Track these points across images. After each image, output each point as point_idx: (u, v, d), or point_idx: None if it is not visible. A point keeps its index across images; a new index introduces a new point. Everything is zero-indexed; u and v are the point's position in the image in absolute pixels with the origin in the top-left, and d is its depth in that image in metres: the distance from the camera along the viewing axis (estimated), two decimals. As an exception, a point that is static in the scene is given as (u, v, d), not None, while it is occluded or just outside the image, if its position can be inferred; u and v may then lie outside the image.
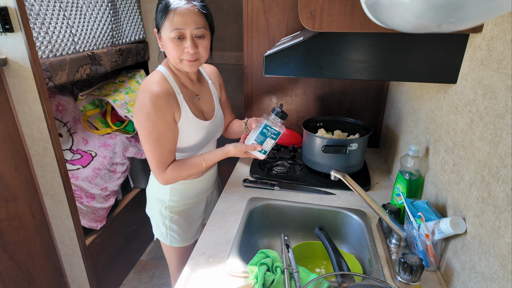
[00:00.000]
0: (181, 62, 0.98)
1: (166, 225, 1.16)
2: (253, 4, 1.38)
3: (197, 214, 1.22)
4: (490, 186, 0.62)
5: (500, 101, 0.60)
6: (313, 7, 0.74)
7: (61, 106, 1.63)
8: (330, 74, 0.85)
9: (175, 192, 1.13)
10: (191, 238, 1.21)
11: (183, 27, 0.92)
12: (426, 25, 0.36)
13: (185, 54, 0.96)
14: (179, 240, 1.18)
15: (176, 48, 0.95)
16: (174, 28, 0.92)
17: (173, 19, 0.91)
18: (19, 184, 1.23)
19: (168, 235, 1.17)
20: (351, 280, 0.72)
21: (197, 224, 1.23)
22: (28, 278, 1.31)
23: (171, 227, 1.16)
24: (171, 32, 0.93)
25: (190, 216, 1.19)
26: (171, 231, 1.17)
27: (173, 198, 1.13)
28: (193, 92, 1.09)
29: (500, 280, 0.57)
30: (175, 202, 1.14)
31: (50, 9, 1.35)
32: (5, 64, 1.11)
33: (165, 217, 1.15)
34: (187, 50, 0.95)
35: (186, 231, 1.19)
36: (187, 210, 1.17)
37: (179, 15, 0.91)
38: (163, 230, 1.17)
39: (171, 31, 0.92)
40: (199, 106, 1.09)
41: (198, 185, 1.17)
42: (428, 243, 0.77)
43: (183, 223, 1.17)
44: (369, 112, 1.50)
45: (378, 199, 1.11)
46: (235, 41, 2.03)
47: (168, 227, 1.16)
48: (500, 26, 0.62)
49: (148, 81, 0.99)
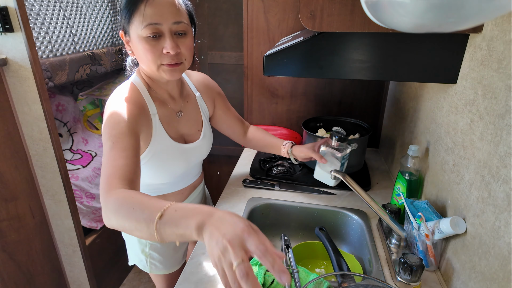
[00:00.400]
0: (158, 68, 0.78)
1: (145, 252, 0.99)
2: (253, 4, 1.38)
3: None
4: (490, 186, 0.62)
5: (500, 101, 0.60)
6: (313, 7, 0.74)
7: (61, 106, 1.63)
8: (330, 74, 0.85)
9: None
10: (177, 263, 1.06)
11: (159, 21, 0.72)
12: (426, 25, 0.36)
13: (164, 57, 0.76)
14: (162, 268, 1.02)
15: (151, 49, 0.74)
16: (147, 24, 0.72)
17: (145, 12, 0.71)
18: (19, 184, 1.23)
19: (148, 263, 1.01)
20: (351, 280, 0.72)
21: (182, 249, 1.09)
22: (28, 278, 1.31)
23: (152, 255, 0.99)
24: (143, 29, 0.72)
25: (173, 242, 0.95)
26: (152, 259, 1.00)
27: None
28: (174, 109, 0.89)
29: (500, 280, 0.57)
30: None
31: (50, 9, 1.35)
32: (5, 64, 1.11)
33: (144, 244, 0.99)
34: (166, 51, 0.75)
35: (170, 257, 1.03)
36: None
37: (153, 7, 0.71)
38: (143, 258, 1.00)
39: (144, 27, 0.72)
40: (178, 127, 0.90)
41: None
42: (428, 243, 0.77)
43: (166, 251, 1.01)
44: (369, 112, 1.50)
45: (378, 199, 1.11)
46: (235, 41, 2.03)
47: (148, 255, 0.99)
48: (500, 26, 0.62)
49: (117, 92, 0.81)
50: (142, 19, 0.72)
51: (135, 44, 0.76)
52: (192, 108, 0.95)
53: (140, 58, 0.78)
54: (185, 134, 0.93)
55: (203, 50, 2.09)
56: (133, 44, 0.77)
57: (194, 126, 0.95)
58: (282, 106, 1.55)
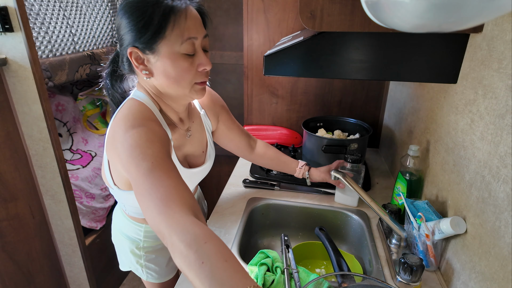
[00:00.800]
0: (191, 89, 0.70)
1: (141, 263, 0.95)
2: (253, 4, 1.38)
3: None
4: (491, 186, 0.62)
5: (500, 101, 0.60)
6: (313, 7, 0.73)
7: (61, 106, 1.63)
8: (330, 74, 0.85)
9: (150, 235, 0.91)
10: (171, 272, 1.02)
11: (195, 35, 0.66)
12: (426, 25, 0.36)
13: (199, 75, 0.69)
14: (157, 277, 0.99)
15: (189, 68, 0.67)
16: (187, 38, 0.64)
17: (184, 24, 0.63)
18: (19, 184, 1.23)
19: (144, 272, 0.97)
20: (351, 280, 0.72)
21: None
22: (28, 278, 1.31)
23: (147, 265, 0.95)
24: (183, 45, 0.64)
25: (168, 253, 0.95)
26: (147, 269, 0.96)
27: (148, 239, 0.91)
28: (183, 132, 0.83)
29: (500, 280, 0.57)
30: (150, 242, 0.92)
31: (50, 9, 1.35)
32: (5, 64, 1.11)
33: (139, 256, 0.94)
34: (202, 67, 0.68)
35: (165, 267, 0.99)
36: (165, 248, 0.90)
37: (189, 19, 0.64)
38: (138, 267, 0.96)
39: (183, 42, 0.64)
40: (184, 150, 0.85)
41: None
42: (428, 243, 0.77)
43: (161, 261, 0.97)
44: (369, 112, 1.50)
45: (378, 199, 1.11)
46: (235, 41, 2.03)
47: (143, 266, 0.95)
48: (501, 26, 0.62)
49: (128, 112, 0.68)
50: (182, 32, 0.63)
51: (167, 62, 0.65)
52: (198, 127, 0.89)
53: (169, 79, 0.67)
54: (189, 156, 0.87)
55: (203, 50, 2.09)
56: (159, 63, 0.66)
57: (199, 147, 0.90)
58: (282, 106, 1.55)
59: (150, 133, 0.63)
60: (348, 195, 1.05)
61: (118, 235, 0.97)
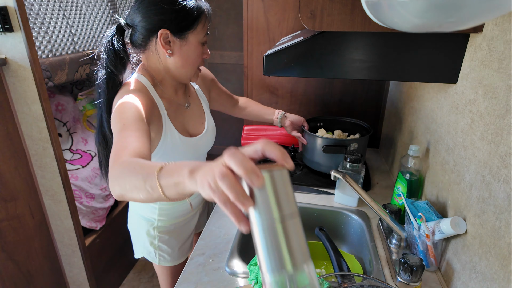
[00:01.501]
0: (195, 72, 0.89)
1: (154, 245, 1.03)
2: (253, 4, 1.38)
3: (189, 230, 1.10)
4: (491, 186, 0.62)
5: (500, 101, 0.60)
6: (313, 7, 0.73)
7: (60, 106, 1.63)
8: (330, 74, 0.84)
9: (164, 213, 1.00)
10: (183, 255, 1.10)
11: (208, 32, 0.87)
12: (426, 25, 0.36)
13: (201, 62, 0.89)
14: (169, 260, 1.06)
15: (201, 54, 0.86)
16: (206, 34, 0.85)
17: (208, 23, 0.85)
18: (19, 184, 1.23)
19: (157, 254, 1.04)
20: (351, 280, 0.72)
21: (189, 241, 1.12)
22: (28, 278, 1.31)
23: (160, 247, 1.03)
24: (204, 37, 0.85)
25: (181, 234, 1.07)
26: (160, 251, 1.04)
27: (162, 218, 1.00)
28: (180, 103, 0.94)
29: (500, 280, 0.57)
30: (164, 222, 1.01)
31: (50, 9, 1.35)
32: (5, 64, 1.11)
33: (153, 237, 1.02)
34: (205, 55, 0.89)
35: (177, 249, 1.07)
36: (178, 229, 1.05)
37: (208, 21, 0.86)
38: (151, 250, 1.04)
39: (205, 35, 0.84)
40: (184, 121, 0.94)
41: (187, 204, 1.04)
42: (428, 243, 0.77)
43: (174, 242, 1.05)
44: (369, 112, 1.50)
45: (379, 199, 1.11)
46: (235, 41, 2.03)
47: (157, 247, 1.03)
48: (501, 26, 0.62)
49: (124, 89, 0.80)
50: (205, 30, 0.84)
51: (191, 48, 0.83)
52: (195, 100, 1.00)
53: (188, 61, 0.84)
54: (189, 127, 0.96)
55: (203, 50, 2.09)
56: (185, 47, 0.82)
57: (199, 118, 1.00)
58: (282, 106, 1.55)
59: (132, 100, 0.74)
60: (348, 195, 1.05)
61: (134, 218, 1.04)
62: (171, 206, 1.00)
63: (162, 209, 0.99)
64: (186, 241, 1.10)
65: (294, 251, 0.37)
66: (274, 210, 0.35)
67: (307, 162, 1.27)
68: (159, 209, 0.99)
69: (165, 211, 1.00)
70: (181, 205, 1.02)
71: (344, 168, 1.04)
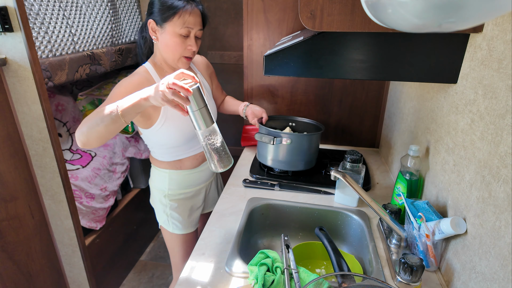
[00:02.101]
0: (179, 59, 1.03)
1: (167, 213, 1.20)
2: (253, 4, 1.38)
3: (197, 203, 1.26)
4: (491, 186, 0.62)
5: (500, 101, 0.60)
6: (313, 7, 0.73)
7: (60, 106, 1.63)
8: (330, 74, 0.85)
9: (173, 182, 1.18)
10: (192, 226, 1.26)
11: (192, 26, 0.99)
12: (426, 25, 0.36)
13: (186, 52, 1.02)
14: (181, 228, 1.22)
15: (180, 44, 1.00)
16: (185, 26, 0.98)
17: (186, 18, 0.97)
18: (19, 184, 1.23)
19: (170, 222, 1.21)
20: (351, 280, 0.72)
21: (197, 213, 1.27)
22: (28, 278, 1.31)
23: (172, 214, 1.20)
24: (181, 29, 0.97)
25: (189, 205, 1.23)
26: (172, 219, 1.21)
27: (172, 187, 1.18)
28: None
29: (500, 280, 0.57)
30: (174, 190, 1.19)
31: (50, 9, 1.35)
32: (5, 64, 1.11)
33: (165, 205, 1.20)
34: (190, 47, 1.01)
35: (186, 219, 1.23)
36: (186, 199, 1.22)
37: (192, 16, 0.98)
38: (165, 218, 1.21)
39: (182, 27, 0.97)
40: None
41: (195, 175, 1.21)
42: (428, 243, 0.77)
43: (183, 211, 1.22)
44: (369, 112, 1.50)
45: (379, 199, 1.11)
46: (235, 41, 2.03)
47: (169, 214, 1.20)
48: (501, 26, 0.62)
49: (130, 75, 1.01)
50: (183, 22, 0.97)
51: (168, 35, 0.99)
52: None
53: (167, 47, 1.00)
54: None
55: (203, 50, 2.09)
56: (164, 35, 0.99)
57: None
58: (282, 106, 1.55)
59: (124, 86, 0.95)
60: (348, 195, 1.05)
61: (152, 191, 1.23)
62: (179, 176, 1.17)
63: (171, 179, 1.17)
64: (194, 213, 1.26)
65: (206, 119, 0.74)
66: (196, 105, 0.72)
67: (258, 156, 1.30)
68: (169, 178, 1.17)
69: (174, 180, 1.17)
70: (188, 176, 1.19)
71: (344, 168, 1.04)
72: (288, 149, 1.18)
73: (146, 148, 1.91)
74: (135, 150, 1.85)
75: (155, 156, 1.18)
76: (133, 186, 2.00)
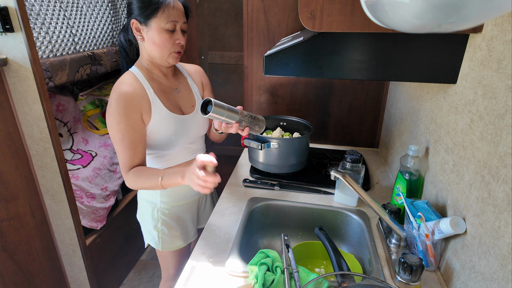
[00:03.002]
0: (169, 55, 0.99)
1: (158, 228, 1.13)
2: (253, 4, 1.38)
3: (189, 217, 1.18)
4: (490, 186, 0.62)
5: (500, 101, 0.60)
6: (313, 7, 0.74)
7: (61, 106, 1.63)
8: (330, 74, 0.85)
9: (165, 193, 1.11)
10: (183, 241, 1.17)
11: (177, 19, 0.96)
12: (426, 25, 0.36)
13: (175, 46, 0.98)
14: (171, 244, 1.15)
15: (168, 39, 0.96)
16: (170, 20, 0.94)
17: (170, 11, 0.94)
18: (19, 184, 1.23)
19: (160, 239, 1.14)
20: (351, 280, 0.72)
21: (189, 228, 1.19)
22: (28, 278, 1.31)
23: (163, 230, 1.13)
24: (167, 23, 0.94)
25: (181, 219, 1.16)
26: (163, 235, 1.14)
27: (164, 199, 1.11)
28: (169, 86, 1.07)
29: (500, 280, 0.57)
30: (166, 203, 1.12)
31: (51, 9, 1.35)
32: (5, 64, 1.11)
33: (156, 219, 1.13)
34: (178, 41, 0.98)
35: (178, 234, 1.15)
36: (179, 213, 1.15)
37: (176, 9, 0.95)
38: (155, 234, 1.14)
39: (167, 22, 0.94)
40: (175, 101, 1.06)
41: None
42: (428, 243, 0.77)
43: (175, 226, 1.14)
44: (369, 112, 1.50)
45: (378, 199, 1.11)
46: (235, 41, 2.03)
47: (160, 230, 1.13)
48: (500, 26, 0.62)
49: (117, 82, 0.98)
50: (168, 16, 0.94)
51: (154, 32, 0.95)
52: (185, 87, 1.12)
53: (154, 45, 0.97)
54: (182, 106, 1.08)
55: (203, 50, 2.09)
56: (149, 33, 0.96)
57: (188, 101, 1.11)
58: (282, 106, 1.55)
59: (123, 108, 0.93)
60: (348, 195, 1.05)
61: (141, 205, 1.17)
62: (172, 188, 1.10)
63: (163, 190, 1.10)
64: (187, 227, 1.19)
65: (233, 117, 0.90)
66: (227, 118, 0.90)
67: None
68: (160, 191, 1.10)
69: (166, 192, 1.11)
70: (181, 187, 1.11)
71: (344, 168, 1.04)
72: (278, 153, 1.18)
73: (146, 148, 1.91)
74: (136, 150, 1.85)
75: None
76: (134, 186, 2.00)
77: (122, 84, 0.96)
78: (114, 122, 0.93)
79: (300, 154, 1.22)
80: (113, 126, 0.93)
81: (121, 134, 0.93)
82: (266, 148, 1.16)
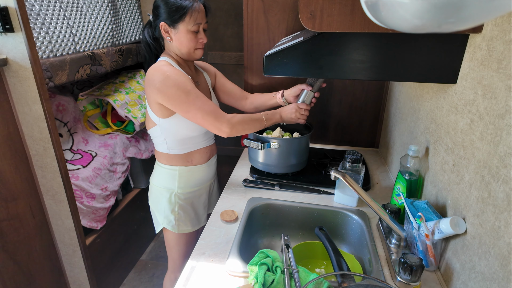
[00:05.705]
0: (194, 51, 1.13)
1: (175, 212, 1.23)
2: (253, 4, 1.38)
3: (201, 202, 1.30)
4: (490, 186, 0.62)
5: (500, 101, 0.60)
6: (313, 7, 0.74)
7: (61, 106, 1.63)
8: (330, 74, 0.85)
9: (183, 179, 1.21)
10: (197, 224, 1.30)
11: (201, 22, 1.09)
12: (426, 25, 0.36)
13: (199, 44, 1.13)
14: (185, 227, 1.26)
15: (194, 39, 1.10)
16: (196, 23, 1.08)
17: (196, 15, 1.07)
18: (19, 184, 1.23)
19: (176, 222, 1.23)
20: (351, 280, 0.72)
21: (201, 212, 1.31)
22: (28, 278, 1.31)
23: (180, 214, 1.23)
24: (193, 26, 1.08)
25: (195, 203, 1.27)
26: (179, 218, 1.24)
27: (181, 185, 1.21)
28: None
29: (500, 280, 0.57)
30: (182, 189, 1.22)
31: (51, 9, 1.35)
32: (6, 64, 1.11)
33: (174, 204, 1.22)
34: (201, 40, 1.12)
35: (193, 217, 1.27)
36: (193, 198, 1.25)
37: (199, 12, 1.08)
38: (172, 218, 1.23)
39: (194, 25, 1.08)
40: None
41: (202, 172, 1.25)
42: (428, 243, 0.77)
43: (190, 210, 1.26)
44: (369, 112, 1.50)
45: (378, 199, 1.11)
46: (235, 41, 2.03)
47: (177, 213, 1.23)
48: (500, 26, 0.62)
49: (154, 66, 1.08)
50: (194, 20, 1.07)
51: (182, 34, 1.09)
52: (203, 80, 1.28)
53: (182, 43, 1.10)
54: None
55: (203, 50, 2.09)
56: (178, 34, 1.09)
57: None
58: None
59: (181, 75, 1.06)
60: (348, 195, 1.05)
61: (155, 192, 1.25)
62: (188, 173, 1.21)
63: (182, 176, 1.21)
64: (199, 211, 1.30)
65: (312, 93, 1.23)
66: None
67: (250, 160, 1.29)
68: (179, 175, 1.20)
69: (183, 178, 1.21)
70: (196, 173, 1.23)
71: (344, 168, 1.04)
72: (278, 153, 1.18)
73: (146, 148, 1.91)
74: (136, 150, 1.85)
75: (164, 151, 1.20)
76: (134, 186, 2.00)
77: (162, 66, 1.06)
78: (181, 88, 1.03)
79: (300, 154, 1.22)
80: (182, 92, 1.03)
81: (194, 92, 1.04)
82: (266, 148, 1.16)
